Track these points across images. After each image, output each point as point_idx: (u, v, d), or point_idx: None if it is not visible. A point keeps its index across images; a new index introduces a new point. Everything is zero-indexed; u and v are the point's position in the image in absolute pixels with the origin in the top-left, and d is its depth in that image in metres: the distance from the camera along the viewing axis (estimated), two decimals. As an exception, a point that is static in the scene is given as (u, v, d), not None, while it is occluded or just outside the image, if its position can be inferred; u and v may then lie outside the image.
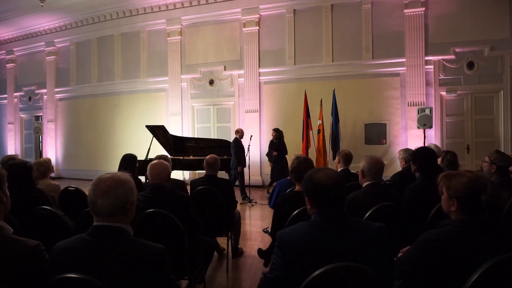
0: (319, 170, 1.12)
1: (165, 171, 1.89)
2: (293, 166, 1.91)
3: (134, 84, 7.83)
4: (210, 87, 7.29)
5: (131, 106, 7.88)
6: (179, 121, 7.49)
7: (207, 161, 2.63)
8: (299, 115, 6.11)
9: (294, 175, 1.90)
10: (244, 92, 7.02)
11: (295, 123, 6.49)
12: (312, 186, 1.10)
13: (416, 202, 1.82)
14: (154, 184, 1.86)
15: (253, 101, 6.95)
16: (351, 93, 6.35)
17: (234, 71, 7.11)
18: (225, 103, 7.31)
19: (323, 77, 6.51)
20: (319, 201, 1.08)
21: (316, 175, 1.10)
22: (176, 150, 5.78)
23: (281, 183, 2.51)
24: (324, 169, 1.12)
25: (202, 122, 7.48)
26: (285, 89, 6.81)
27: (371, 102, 6.28)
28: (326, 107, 5.75)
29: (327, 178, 1.09)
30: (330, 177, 1.10)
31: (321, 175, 1.09)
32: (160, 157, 2.54)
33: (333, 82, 6.28)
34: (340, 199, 1.07)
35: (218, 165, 2.65)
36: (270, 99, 6.95)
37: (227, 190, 2.61)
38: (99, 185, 1.05)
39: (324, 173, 1.10)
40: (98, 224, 1.04)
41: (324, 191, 1.07)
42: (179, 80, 7.47)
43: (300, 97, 6.07)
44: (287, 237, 1.05)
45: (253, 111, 6.93)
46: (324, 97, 5.77)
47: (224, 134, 7.24)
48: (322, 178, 1.08)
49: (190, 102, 7.49)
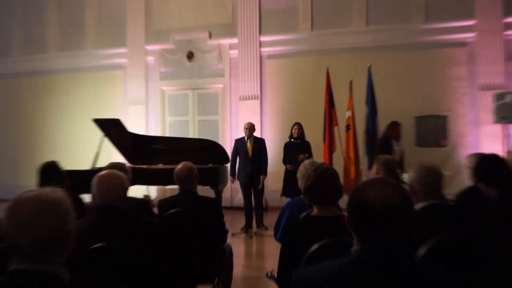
0: (375, 183, 1.09)
1: (120, 186, 1.87)
2: (309, 181, 1.88)
3: (76, 58, 7.86)
4: (189, 63, 7.32)
5: (71, 90, 7.90)
6: (143, 112, 7.51)
7: (176, 175, 2.63)
8: (319, 104, 6.12)
9: (310, 195, 1.87)
10: (239, 70, 7.05)
11: (313, 115, 6.51)
12: (357, 208, 1.07)
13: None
14: (103, 206, 1.84)
15: (251, 84, 6.97)
16: (395, 72, 6.38)
17: (223, 39, 7.15)
18: (210, 86, 7.34)
19: (354, 48, 6.55)
20: (366, 231, 1.05)
21: (367, 191, 1.07)
22: (138, 155, 5.79)
23: (291, 204, 2.52)
24: (382, 181, 1.09)
25: (177, 114, 7.51)
26: (298, 66, 6.85)
27: (425, 85, 6.31)
28: (358, 93, 5.76)
29: (381, 197, 1.06)
30: (387, 196, 1.07)
31: (374, 192, 1.06)
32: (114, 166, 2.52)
33: (368, 56, 6.31)
34: (401, 231, 1.03)
35: (195, 177, 2.65)
36: (275, 81, 6.98)
37: (212, 214, 2.60)
38: (17, 210, 1.02)
39: (381, 188, 1.06)
40: (16, 268, 1.02)
41: (376, 217, 1.04)
42: (143, 52, 7.51)
43: (320, 78, 6.07)
44: (310, 281, 1.03)
45: (251, 98, 6.95)
46: (356, 78, 5.79)
47: (208, 131, 7.28)
48: (376, 197, 1.05)
49: (159, 85, 7.52)
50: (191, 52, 7.29)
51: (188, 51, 7.30)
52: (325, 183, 1.83)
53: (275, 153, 5.96)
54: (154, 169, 5.48)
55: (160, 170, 5.45)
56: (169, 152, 5.65)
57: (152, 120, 7.53)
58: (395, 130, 5.14)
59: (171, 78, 7.44)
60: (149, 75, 7.54)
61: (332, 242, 1.58)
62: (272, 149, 5.74)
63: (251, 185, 5.30)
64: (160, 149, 5.76)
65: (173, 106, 7.52)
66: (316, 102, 6.50)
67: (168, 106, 7.53)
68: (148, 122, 7.54)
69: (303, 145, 5.38)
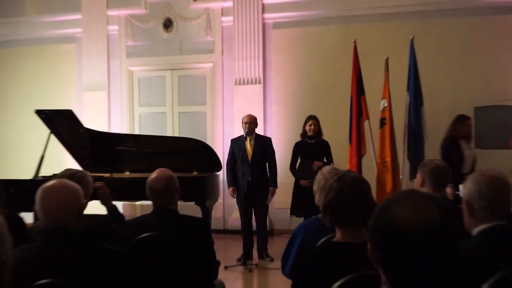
0: (403, 198, 1.09)
1: (72, 202, 1.88)
2: (330, 195, 1.89)
3: (13, 27, 7.89)
4: (166, 33, 7.35)
5: (6, 70, 7.93)
6: (104, 101, 7.54)
7: (149, 187, 2.63)
8: (343, 91, 6.11)
9: (331, 214, 1.88)
10: (234, 44, 7.07)
11: (335, 106, 6.51)
12: (381, 233, 1.08)
13: None
14: (50, 228, 1.84)
15: (250, 62, 6.99)
16: (447, 47, 6.38)
17: (213, 2, 7.17)
18: (195, 65, 7.36)
19: (391, 14, 6.55)
20: (393, 265, 1.07)
21: (393, 210, 1.07)
22: (97, 160, 5.79)
23: (305, 226, 2.53)
24: (414, 195, 1.09)
25: (150, 104, 7.54)
26: (315, 39, 6.86)
27: (488, 64, 6.31)
28: (397, 75, 5.75)
29: (413, 218, 1.06)
30: (421, 215, 1.07)
31: (403, 210, 1.06)
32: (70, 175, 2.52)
33: (411, 24, 6.32)
34: (442, 264, 1.05)
35: (175, 189, 2.65)
36: (284, 59, 7.00)
37: (199, 240, 2.61)
38: None
39: (412, 205, 1.07)
40: None
41: (405, 245, 1.05)
42: (104, 20, 7.53)
43: (346, 55, 6.06)
44: None
45: (251, 82, 6.98)
46: (393, 55, 5.78)
47: (193, 127, 7.30)
48: (405, 217, 1.06)
49: (126, 64, 7.55)
50: (169, 20, 7.30)
51: (165, 18, 7.31)
52: (352, 198, 1.83)
53: (283, 158, 5.95)
54: (119, 179, 5.48)
55: (126, 181, 5.45)
56: (140, 156, 5.67)
57: (117, 111, 7.54)
58: (464, 126, 5.10)
59: (142, 54, 7.45)
60: (112, 51, 7.55)
61: (360, 277, 1.58)
62: (279, 152, 5.73)
63: (251, 201, 5.31)
64: (127, 152, 5.78)
65: (145, 93, 7.52)
66: (339, 87, 6.49)
67: (138, 93, 7.54)
68: (111, 114, 7.55)
69: (320, 147, 5.40)
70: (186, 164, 5.43)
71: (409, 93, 5.54)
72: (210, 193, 5.28)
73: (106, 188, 2.79)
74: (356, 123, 5.55)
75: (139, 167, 5.58)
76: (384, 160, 5.46)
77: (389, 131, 5.46)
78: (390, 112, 5.50)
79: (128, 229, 2.64)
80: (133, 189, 5.17)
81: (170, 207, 2.65)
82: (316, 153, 5.36)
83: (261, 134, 5.88)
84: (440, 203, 1.10)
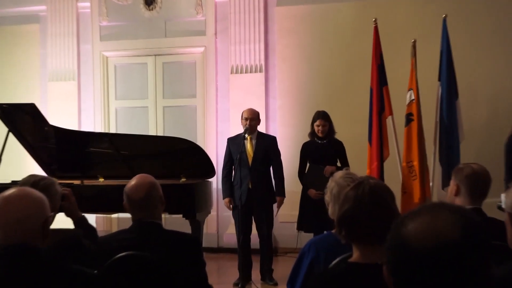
0: (422, 211, 1.09)
1: (35, 216, 1.87)
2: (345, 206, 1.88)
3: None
4: (148, 11, 7.35)
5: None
6: (73, 93, 7.54)
7: (128, 196, 2.63)
8: (362, 80, 6.11)
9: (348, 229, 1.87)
10: (229, 24, 7.08)
11: (352, 98, 6.51)
12: (393, 252, 1.09)
13: None
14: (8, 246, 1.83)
15: (249, 46, 6.99)
16: (487, 27, 6.37)
17: (204, -27, 7.20)
18: (183, 50, 7.39)
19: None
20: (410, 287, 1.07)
21: (408, 224, 1.07)
22: (65, 164, 5.78)
23: (316, 243, 2.52)
24: (434, 207, 1.09)
25: (129, 97, 7.55)
26: (328, 18, 6.86)
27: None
28: (426, 60, 5.74)
29: (426, 232, 1.06)
30: (435, 230, 1.07)
31: (417, 224, 1.07)
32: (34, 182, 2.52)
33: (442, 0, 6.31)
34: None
35: (158, 200, 2.65)
36: (290, 42, 7.00)
37: (187, 260, 2.61)
38: None
39: (426, 219, 1.07)
40: None
41: (416, 264, 1.05)
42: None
43: (364, 37, 6.07)
44: None
45: (251, 70, 6.99)
46: (422, 37, 5.78)
47: (181, 124, 7.31)
48: (418, 232, 1.06)
49: (100, 49, 7.55)
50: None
51: (147, -7, 7.32)
52: (372, 209, 1.82)
53: (288, 162, 5.95)
54: (91, 187, 5.48)
55: (100, 189, 5.45)
56: (116, 159, 5.65)
57: (88, 106, 7.54)
58: None
59: (119, 37, 7.45)
60: (82, 33, 7.55)
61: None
62: (284, 155, 5.72)
63: (250, 213, 5.31)
64: (101, 154, 5.76)
65: (123, 83, 7.53)
66: (356, 77, 6.48)
67: (115, 83, 7.55)
68: (82, 109, 7.55)
69: (332, 148, 5.39)
70: (172, 169, 5.42)
71: (441, 84, 5.54)
72: (201, 203, 5.27)
73: (73, 197, 2.78)
74: (377, 120, 5.54)
75: (115, 173, 5.57)
76: (410, 164, 5.45)
77: (417, 129, 5.44)
78: (418, 106, 5.48)
79: (102, 248, 2.63)
80: (108, 199, 5.17)
81: (153, 220, 2.64)
82: (327, 156, 5.35)
83: (264, 133, 5.87)
84: (466, 215, 1.09)
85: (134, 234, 2.62)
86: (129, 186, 2.64)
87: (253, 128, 5.37)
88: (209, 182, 5.57)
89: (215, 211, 6.69)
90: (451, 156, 5.35)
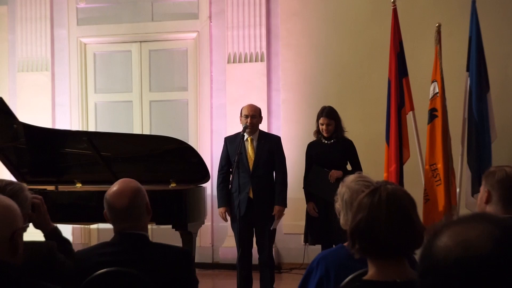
0: (453, 223, 1.10)
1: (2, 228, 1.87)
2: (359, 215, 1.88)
3: None
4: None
5: None
6: (47, 85, 7.55)
7: (109, 204, 2.63)
8: (378, 71, 6.13)
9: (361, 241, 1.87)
10: (226, 5, 7.09)
11: (366, 91, 6.50)
12: (425, 267, 1.09)
13: None
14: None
15: (249, 32, 7.00)
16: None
17: None
18: (172, 36, 7.40)
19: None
20: None
21: (439, 237, 1.09)
22: (37, 167, 5.78)
23: (326, 258, 2.51)
24: (469, 219, 1.10)
25: (110, 90, 7.57)
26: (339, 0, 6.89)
27: None
28: (452, 48, 5.73)
29: (454, 243, 1.08)
30: (462, 240, 1.08)
31: (448, 237, 1.08)
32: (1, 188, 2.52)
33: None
34: None
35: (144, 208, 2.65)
36: (296, 27, 7.01)
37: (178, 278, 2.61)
38: None
39: (455, 229, 1.08)
40: None
41: (447, 280, 1.07)
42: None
43: (381, 20, 6.09)
44: None
45: (251, 59, 7.00)
46: (448, 21, 5.79)
47: (170, 121, 7.32)
48: (449, 245, 1.07)
49: (77, 34, 7.56)
50: (137, -27, 7.31)
51: (132, -29, 7.32)
52: (390, 220, 1.83)
53: (293, 164, 5.96)
54: (67, 194, 5.48)
55: (77, 196, 5.45)
56: (96, 162, 5.64)
57: (64, 99, 7.53)
58: None
59: (99, 21, 7.44)
60: (57, 16, 7.54)
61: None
62: (288, 157, 5.71)
63: (250, 224, 5.32)
64: (78, 156, 5.75)
65: (103, 74, 7.53)
66: (372, 67, 6.49)
67: (94, 74, 7.55)
68: (56, 103, 7.54)
69: (340, 149, 5.38)
70: (161, 173, 5.42)
71: (469, 74, 5.52)
72: (194, 212, 5.27)
73: (44, 206, 2.77)
74: (395, 116, 5.53)
75: (95, 177, 5.58)
76: (434, 167, 5.45)
77: (442, 126, 5.44)
78: (443, 101, 5.47)
79: (79, 264, 2.63)
80: (86, 208, 5.18)
81: (138, 232, 2.64)
82: (335, 157, 5.35)
83: (267, 132, 5.86)
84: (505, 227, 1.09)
85: (116, 247, 2.62)
86: (111, 193, 2.63)
87: (255, 127, 5.36)
88: (203, 188, 5.57)
89: (210, 222, 6.70)
90: (481, 158, 5.33)
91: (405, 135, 5.56)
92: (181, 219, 5.10)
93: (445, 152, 5.40)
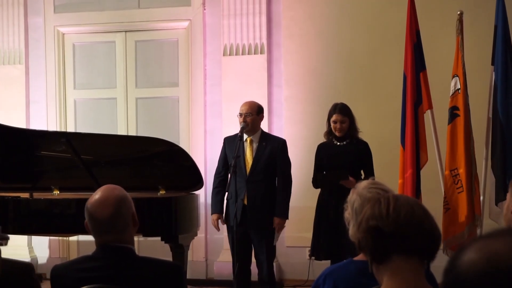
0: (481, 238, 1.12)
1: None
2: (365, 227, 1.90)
3: None
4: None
5: None
6: (21, 79, 7.56)
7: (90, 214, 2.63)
8: (392, 64, 6.15)
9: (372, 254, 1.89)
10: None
11: (379, 87, 6.51)
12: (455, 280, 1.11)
13: None
14: None
15: (247, 20, 7.02)
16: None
17: None
18: (161, 25, 7.43)
19: None
20: None
21: (465, 252, 1.10)
22: (12, 171, 5.80)
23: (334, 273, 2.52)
24: (495, 231, 1.11)
25: (92, 85, 7.60)
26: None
27: None
28: (476, 39, 5.75)
29: (480, 257, 1.09)
30: (488, 254, 1.09)
31: (474, 252, 1.10)
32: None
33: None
34: None
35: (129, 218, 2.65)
36: (299, 14, 7.03)
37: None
38: None
39: (481, 243, 1.10)
40: None
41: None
42: (20, -46, 7.55)
43: (396, 7, 6.11)
44: None
45: (249, 51, 7.02)
46: (471, 8, 5.81)
47: (158, 119, 7.35)
48: (469, 257, 1.09)
49: (54, 22, 7.57)
50: (122, -46, 7.32)
51: (116, -48, 7.33)
52: (405, 230, 1.84)
53: (297, 169, 5.96)
54: (43, 202, 5.49)
55: (55, 204, 5.44)
56: (76, 166, 5.65)
57: (40, 96, 7.55)
58: None
59: (79, 8, 7.45)
60: (31, 2, 7.54)
61: None
62: (292, 160, 5.72)
63: (247, 235, 5.34)
64: (55, 159, 5.78)
65: (84, 68, 7.55)
66: (385, 59, 6.50)
67: (73, 68, 7.56)
68: (31, 100, 7.56)
69: (354, 152, 5.40)
70: (148, 179, 5.44)
71: (495, 69, 5.52)
72: (185, 223, 5.29)
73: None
74: (412, 115, 5.55)
75: (74, 184, 5.59)
76: (455, 173, 5.46)
77: (464, 127, 5.45)
78: (466, 98, 5.48)
79: (57, 280, 2.63)
80: (64, 217, 5.18)
81: (123, 245, 2.64)
82: (347, 161, 5.34)
83: (269, 133, 5.86)
84: None
85: (98, 262, 2.62)
86: (92, 201, 2.63)
87: (253, 127, 5.36)
88: (195, 196, 5.58)
89: (203, 233, 6.70)
90: (508, 162, 5.36)
91: (422, 136, 5.57)
92: (171, 230, 5.12)
93: (468, 156, 5.41)
